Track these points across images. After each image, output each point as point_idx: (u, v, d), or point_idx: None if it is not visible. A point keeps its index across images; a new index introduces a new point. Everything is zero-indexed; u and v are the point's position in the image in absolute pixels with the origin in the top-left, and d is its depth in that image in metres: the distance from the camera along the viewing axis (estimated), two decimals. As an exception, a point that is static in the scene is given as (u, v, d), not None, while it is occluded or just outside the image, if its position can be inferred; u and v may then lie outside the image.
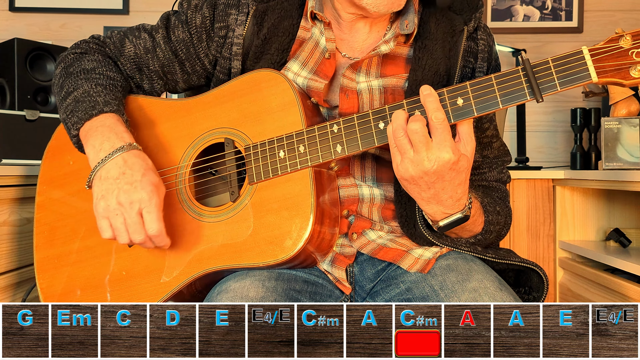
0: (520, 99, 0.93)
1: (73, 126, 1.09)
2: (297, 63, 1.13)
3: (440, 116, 0.91)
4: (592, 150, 2.45)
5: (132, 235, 1.01)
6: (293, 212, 1.00)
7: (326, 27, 1.13)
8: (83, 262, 1.15)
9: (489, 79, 0.94)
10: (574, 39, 2.73)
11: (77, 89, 1.12)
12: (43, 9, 2.69)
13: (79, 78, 1.13)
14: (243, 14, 1.15)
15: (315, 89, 1.10)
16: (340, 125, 1.01)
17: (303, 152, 1.02)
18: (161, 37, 1.19)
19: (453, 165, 0.92)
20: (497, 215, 1.12)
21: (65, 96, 1.13)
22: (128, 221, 1.00)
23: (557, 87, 0.92)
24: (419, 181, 0.94)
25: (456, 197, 0.97)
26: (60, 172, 1.21)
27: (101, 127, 1.07)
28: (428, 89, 0.94)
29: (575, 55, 0.92)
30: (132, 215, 1.00)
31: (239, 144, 1.08)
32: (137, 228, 1.01)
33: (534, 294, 1.13)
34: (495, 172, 1.19)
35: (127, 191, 1.00)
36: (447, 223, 1.00)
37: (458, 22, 1.12)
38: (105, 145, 1.04)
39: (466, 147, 0.94)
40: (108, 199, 1.01)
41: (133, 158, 1.04)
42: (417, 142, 0.91)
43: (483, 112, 0.94)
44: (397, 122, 0.93)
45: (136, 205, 1.00)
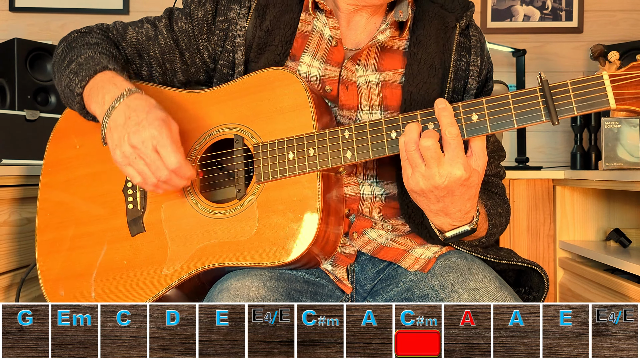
0: (535, 119, 0.91)
1: (78, 84, 1.09)
2: (307, 55, 1.14)
3: (455, 131, 0.91)
4: (592, 151, 2.44)
5: (156, 173, 1.00)
6: (299, 215, 1.00)
7: (328, 17, 1.15)
8: (84, 247, 1.14)
9: (506, 97, 0.92)
10: (574, 39, 2.73)
11: (80, 55, 1.13)
12: (43, 9, 2.69)
13: (82, 49, 1.15)
14: (245, 7, 1.17)
15: (330, 77, 1.12)
16: (352, 131, 1.00)
17: (312, 155, 1.01)
18: (164, 26, 1.21)
19: (464, 182, 0.92)
20: (499, 217, 1.13)
21: (68, 64, 1.14)
22: (147, 160, 1.00)
23: (574, 111, 0.90)
24: (428, 194, 0.94)
25: (465, 211, 0.97)
26: (66, 154, 1.21)
27: (101, 81, 1.08)
28: (443, 102, 0.93)
29: (594, 80, 0.90)
30: (149, 153, 0.99)
31: (249, 142, 1.07)
32: (158, 165, 1.00)
33: (534, 294, 1.14)
34: (492, 167, 1.21)
35: (136, 132, 0.99)
36: (454, 234, 1.00)
37: (450, 19, 1.14)
38: (107, 98, 1.05)
39: (478, 162, 0.94)
40: (122, 145, 1.01)
41: (135, 101, 1.03)
42: (429, 158, 0.91)
43: (497, 130, 0.93)
44: (410, 135, 0.92)
45: (149, 142, 0.99)
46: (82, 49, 1.15)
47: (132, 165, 1.01)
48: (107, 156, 1.15)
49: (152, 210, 1.11)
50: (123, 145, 1.01)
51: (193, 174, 1.03)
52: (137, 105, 1.02)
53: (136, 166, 1.01)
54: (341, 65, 1.12)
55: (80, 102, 1.11)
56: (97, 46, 1.15)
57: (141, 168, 1.01)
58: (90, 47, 1.15)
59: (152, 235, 1.10)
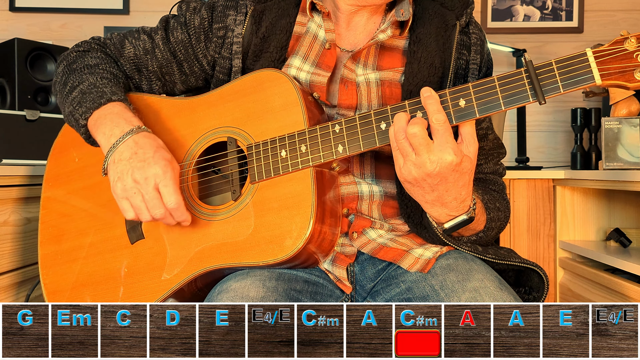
0: (522, 100, 0.93)
1: (82, 116, 1.10)
2: (298, 58, 1.14)
3: (441, 118, 0.92)
4: (592, 150, 2.45)
5: (152, 210, 1.01)
6: (294, 211, 1.00)
7: (325, 18, 1.14)
8: (86, 258, 1.15)
9: (492, 81, 0.94)
10: (574, 39, 2.73)
11: (82, 82, 1.13)
12: (43, 9, 2.69)
13: (83, 73, 1.15)
14: (241, 14, 1.17)
15: (318, 84, 1.11)
16: (342, 125, 1.01)
17: (305, 151, 1.02)
18: (160, 39, 1.21)
19: (456, 167, 0.92)
20: (497, 212, 1.13)
21: (70, 90, 1.14)
22: (146, 197, 1.01)
23: (560, 89, 0.91)
24: (422, 183, 0.95)
25: (460, 199, 0.97)
26: (65, 169, 1.22)
27: (110, 114, 1.09)
28: (428, 90, 0.94)
29: (578, 57, 0.91)
30: (149, 190, 1.01)
31: (242, 143, 1.08)
32: (155, 203, 1.01)
33: (534, 294, 1.14)
34: (491, 164, 1.20)
35: (141, 168, 1.01)
36: (452, 225, 1.00)
37: (450, 17, 1.14)
38: (115, 131, 1.06)
39: (469, 148, 0.94)
40: (124, 179, 1.02)
41: (143, 139, 1.05)
42: (418, 145, 0.92)
43: (485, 113, 0.94)
44: (398, 124, 0.94)
45: (151, 180, 1.01)
46: (82, 73, 1.16)
47: (129, 200, 1.02)
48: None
49: None
50: (125, 179, 1.02)
51: (188, 219, 1.04)
52: (145, 144, 1.04)
53: (133, 201, 1.02)
54: (334, 67, 1.12)
55: (86, 133, 1.12)
56: (97, 68, 1.16)
57: (138, 203, 1.02)
58: (91, 71, 1.16)
59: (151, 242, 1.11)
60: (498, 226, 1.14)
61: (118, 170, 1.03)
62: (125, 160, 1.03)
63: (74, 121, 1.13)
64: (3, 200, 1.39)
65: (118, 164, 1.04)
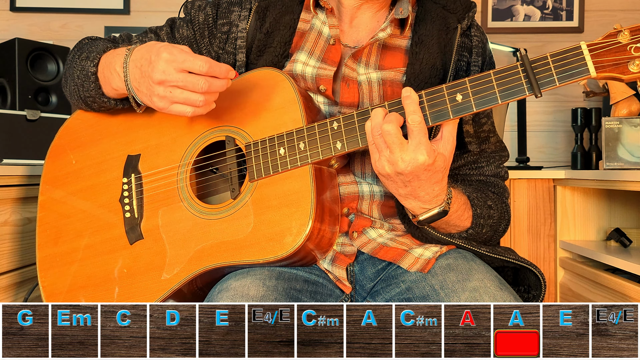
0: (518, 94, 0.93)
1: (90, 64, 1.14)
2: (304, 53, 1.15)
3: (417, 119, 0.93)
4: (592, 150, 2.44)
5: (195, 88, 0.98)
6: (293, 208, 1.01)
7: (329, 15, 1.15)
8: (85, 260, 1.15)
9: (488, 75, 0.94)
10: (574, 38, 2.73)
11: (90, 50, 1.18)
12: (44, 8, 2.69)
13: (92, 46, 1.20)
14: (246, 9, 1.18)
15: (324, 77, 1.12)
16: (340, 122, 1.01)
17: (303, 149, 1.03)
18: (165, 34, 1.22)
19: (428, 167, 0.94)
20: (488, 209, 1.12)
21: (79, 58, 1.18)
22: (180, 84, 0.99)
23: (555, 82, 0.92)
24: (395, 178, 0.96)
25: (433, 194, 0.98)
26: (62, 171, 1.22)
27: (110, 55, 1.12)
28: (408, 91, 0.95)
29: (573, 51, 0.92)
30: (177, 76, 0.98)
31: (240, 142, 1.08)
32: (191, 79, 0.98)
33: (532, 292, 1.14)
34: (492, 167, 1.20)
35: (153, 68, 1.00)
36: (426, 217, 1.01)
37: (452, 20, 1.15)
38: (117, 69, 1.09)
39: (446, 146, 0.96)
40: (153, 90, 1.01)
41: (137, 53, 1.06)
42: (391, 143, 0.93)
43: (482, 107, 0.94)
44: (375, 120, 0.95)
45: (169, 67, 0.98)
46: (91, 46, 1.20)
47: (174, 100, 1.00)
48: (102, 169, 1.18)
49: (149, 217, 1.12)
50: (153, 89, 1.00)
51: (228, 67, 1.00)
52: (141, 54, 1.05)
53: (177, 98, 0.99)
54: (339, 63, 1.13)
55: (96, 82, 1.14)
56: (104, 41, 1.22)
57: (183, 96, 0.99)
58: (99, 42, 1.21)
59: (151, 242, 1.11)
60: (491, 225, 1.13)
61: (144, 90, 1.03)
62: (139, 78, 1.03)
63: (85, 77, 1.15)
64: (3, 200, 1.40)
65: (140, 86, 1.04)
